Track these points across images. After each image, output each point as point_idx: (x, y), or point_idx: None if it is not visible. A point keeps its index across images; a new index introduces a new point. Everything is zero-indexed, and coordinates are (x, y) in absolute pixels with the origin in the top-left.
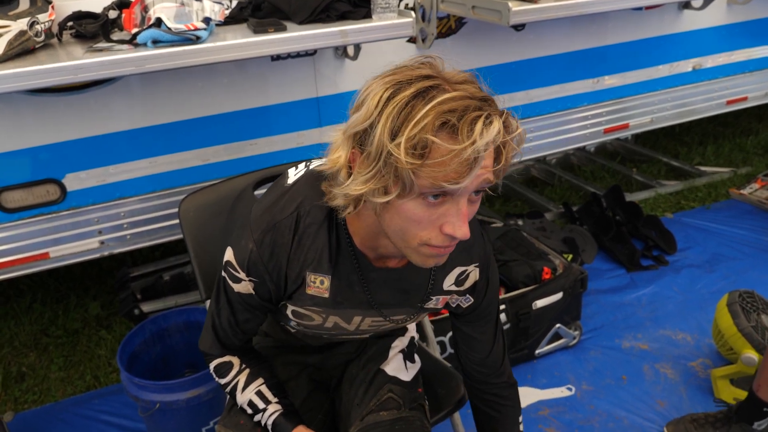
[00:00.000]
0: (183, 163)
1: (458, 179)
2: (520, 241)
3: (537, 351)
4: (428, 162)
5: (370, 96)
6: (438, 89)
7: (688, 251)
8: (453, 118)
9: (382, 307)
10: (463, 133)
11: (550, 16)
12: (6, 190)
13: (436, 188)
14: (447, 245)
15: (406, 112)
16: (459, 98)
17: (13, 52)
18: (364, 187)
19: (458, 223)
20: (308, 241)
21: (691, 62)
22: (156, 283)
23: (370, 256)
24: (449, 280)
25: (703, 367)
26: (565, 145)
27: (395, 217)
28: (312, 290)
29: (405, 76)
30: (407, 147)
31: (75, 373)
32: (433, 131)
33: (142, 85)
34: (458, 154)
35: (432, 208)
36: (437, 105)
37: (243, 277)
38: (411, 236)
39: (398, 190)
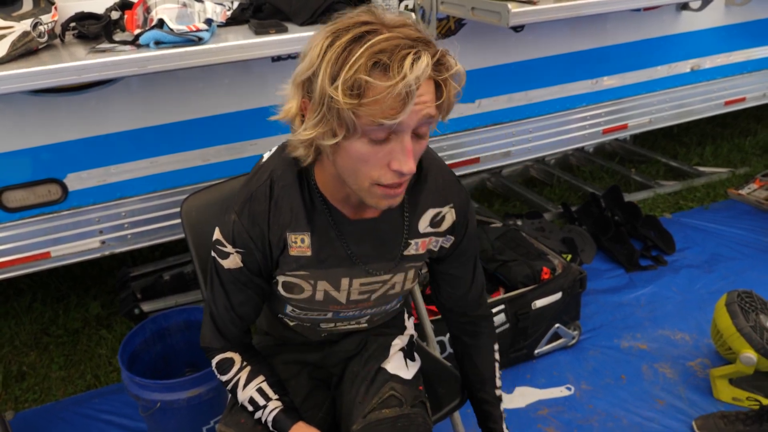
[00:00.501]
0: (184, 163)
1: (395, 115)
2: (519, 241)
3: (536, 351)
4: (364, 101)
5: (312, 46)
6: (374, 33)
7: (687, 251)
8: (384, 57)
9: (365, 261)
10: (393, 70)
11: (549, 17)
12: (7, 189)
13: (376, 126)
14: (397, 182)
15: (344, 56)
16: (391, 39)
17: (16, 53)
18: (313, 132)
19: (403, 159)
20: (283, 203)
21: (689, 63)
22: (156, 283)
23: (344, 211)
24: (423, 222)
25: (702, 367)
26: (564, 146)
27: (346, 159)
28: (295, 251)
29: (344, 24)
30: (344, 88)
31: (75, 373)
32: (367, 71)
33: (143, 85)
34: (391, 90)
35: (378, 147)
36: (370, 47)
37: (230, 250)
38: (362, 176)
39: (344, 131)
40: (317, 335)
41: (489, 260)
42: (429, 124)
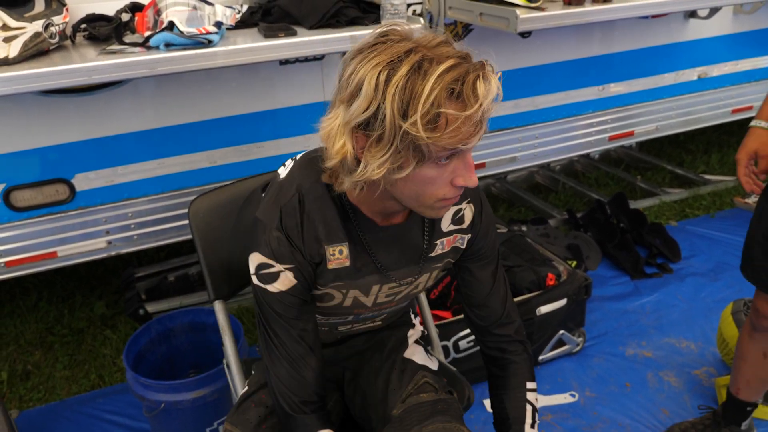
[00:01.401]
0: (191, 164)
1: (470, 139)
2: (524, 247)
3: (540, 357)
4: (446, 131)
5: (363, 81)
6: (427, 60)
7: (693, 259)
8: (456, 86)
9: (396, 267)
10: (469, 97)
11: (557, 23)
12: (16, 189)
13: (450, 151)
14: (457, 195)
15: (409, 89)
16: (454, 66)
17: (28, 54)
18: (382, 169)
19: (468, 175)
20: (316, 216)
21: (696, 71)
22: (161, 284)
23: (374, 219)
24: (446, 221)
25: (707, 376)
26: (570, 152)
27: (410, 184)
28: (333, 263)
29: (390, 54)
30: (423, 123)
31: (80, 372)
32: (444, 103)
33: (151, 87)
34: (470, 117)
35: (443, 168)
36: (439, 77)
37: (279, 268)
38: (428, 197)
39: (415, 161)
40: (333, 337)
41: None
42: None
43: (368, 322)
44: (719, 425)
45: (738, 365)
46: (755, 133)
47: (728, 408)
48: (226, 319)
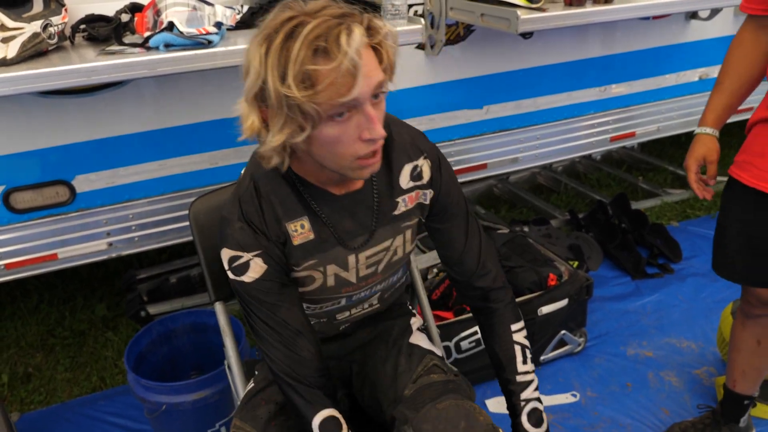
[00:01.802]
0: (192, 165)
1: (350, 90)
2: (526, 247)
3: (542, 357)
4: (319, 88)
5: (251, 59)
6: (301, 25)
7: (694, 260)
8: (321, 42)
9: (363, 232)
10: (333, 50)
11: (558, 24)
12: (15, 190)
13: (336, 106)
14: (372, 150)
15: (284, 55)
16: (321, 23)
17: (26, 54)
18: (281, 135)
19: (371, 126)
20: (273, 197)
21: (698, 72)
22: (162, 285)
23: (331, 190)
24: (404, 178)
25: (708, 375)
26: (572, 153)
27: (320, 146)
28: (298, 239)
29: (270, 27)
30: (296, 83)
31: (81, 374)
32: (310, 60)
33: (152, 88)
34: (338, 70)
35: (345, 124)
36: (305, 38)
37: (248, 257)
38: (341, 156)
39: (310, 123)
40: (335, 329)
41: None
42: (381, 88)
43: (365, 305)
44: (719, 424)
45: (733, 357)
46: (701, 140)
47: (726, 404)
48: (227, 320)
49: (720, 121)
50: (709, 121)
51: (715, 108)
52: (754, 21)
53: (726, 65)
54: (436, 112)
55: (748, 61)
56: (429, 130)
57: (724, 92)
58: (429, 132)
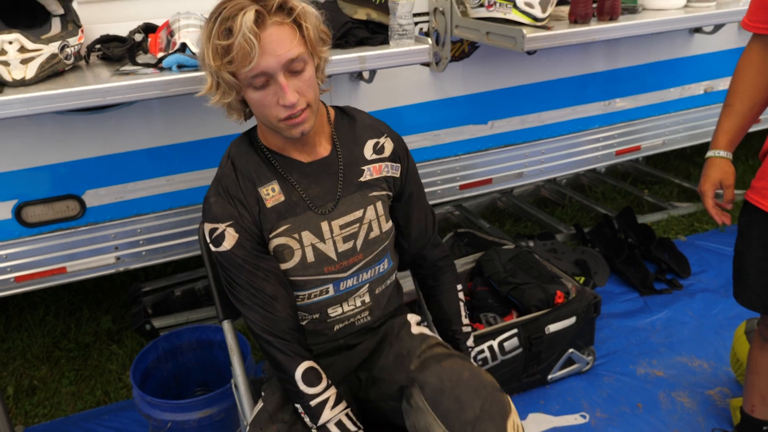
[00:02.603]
0: (200, 181)
1: (249, 62)
2: (532, 263)
3: (549, 376)
4: (227, 59)
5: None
6: (225, 10)
7: (703, 275)
8: (228, 22)
9: (331, 198)
10: (234, 28)
11: (563, 42)
12: (27, 205)
13: (247, 74)
14: (291, 113)
15: (209, 32)
16: (232, 7)
17: (44, 75)
18: (218, 95)
19: (283, 94)
20: (246, 167)
21: (702, 85)
22: (168, 299)
23: (298, 157)
24: (368, 150)
25: (722, 396)
26: (577, 167)
27: (253, 107)
28: (270, 202)
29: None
30: (213, 55)
31: (85, 388)
32: (221, 37)
33: (161, 105)
34: (236, 44)
35: (264, 92)
36: (219, 19)
37: (222, 227)
38: (268, 117)
39: (234, 88)
40: (330, 329)
41: (501, 283)
42: (298, 61)
43: (357, 302)
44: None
45: (751, 380)
46: (716, 163)
47: (743, 429)
48: (234, 339)
49: (733, 144)
50: (722, 144)
51: (727, 130)
52: (761, 40)
53: (735, 86)
54: (441, 128)
55: (757, 82)
56: (434, 146)
57: (735, 114)
58: (434, 147)
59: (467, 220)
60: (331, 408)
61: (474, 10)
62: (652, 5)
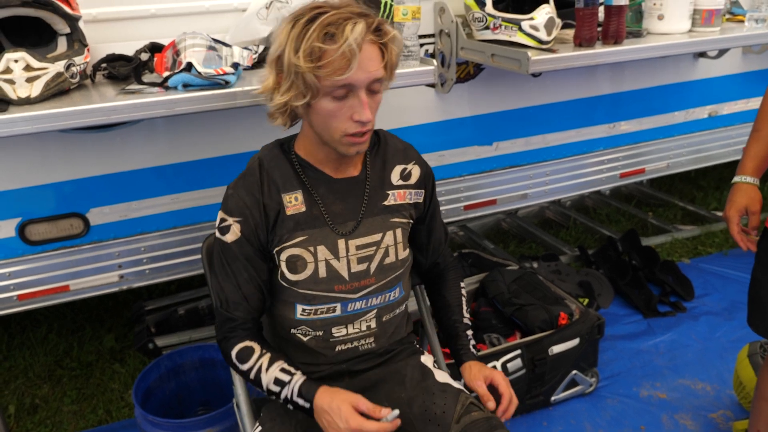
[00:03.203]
0: (204, 200)
1: (345, 71)
2: (536, 284)
3: (553, 398)
4: (321, 63)
5: (279, 32)
6: (323, 13)
7: (706, 298)
8: (332, 27)
9: (353, 217)
10: (339, 35)
11: (568, 65)
12: (31, 223)
13: (334, 83)
14: (360, 131)
15: (303, 33)
16: (336, 14)
17: (49, 93)
18: (286, 96)
19: (362, 110)
20: (274, 171)
21: (707, 109)
22: (171, 317)
23: (327, 171)
24: (395, 176)
25: (725, 419)
26: (581, 189)
27: (317, 116)
28: (291, 209)
29: (300, 11)
30: (305, 56)
31: (87, 407)
32: (320, 40)
33: (166, 124)
34: (338, 51)
35: (340, 103)
36: (320, 22)
37: (230, 221)
38: (333, 130)
39: (310, 92)
40: (332, 349)
41: (505, 304)
42: (379, 82)
43: (362, 326)
44: None
45: (759, 406)
46: (742, 189)
47: None
48: None
49: (760, 170)
50: (749, 169)
51: (755, 156)
52: None
53: (763, 113)
54: (446, 149)
55: None
56: (439, 166)
57: (763, 140)
58: (439, 168)
59: (472, 240)
60: (266, 372)
61: (479, 32)
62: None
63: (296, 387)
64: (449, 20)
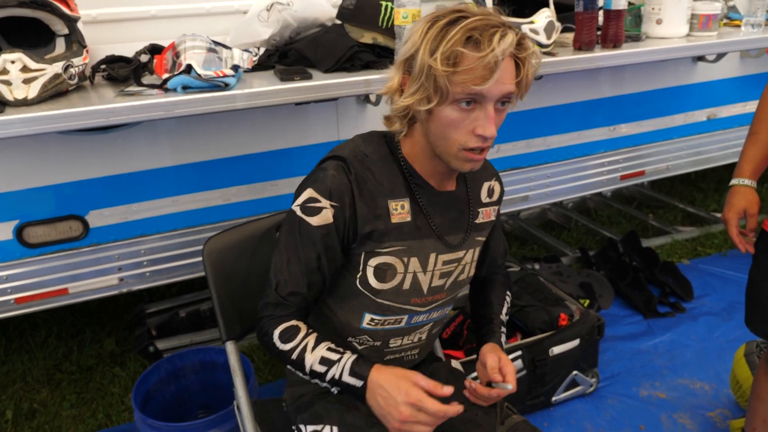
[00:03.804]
0: (206, 202)
1: (483, 82)
2: (537, 286)
3: (553, 398)
4: (459, 69)
5: (414, 32)
6: (464, 17)
7: (706, 298)
8: (476, 33)
9: (448, 231)
10: (484, 43)
11: (568, 69)
12: (29, 225)
13: (466, 92)
14: (480, 146)
15: (441, 34)
16: (482, 20)
17: (46, 95)
18: (411, 99)
19: (487, 125)
20: (382, 172)
21: (705, 112)
22: (172, 320)
23: (431, 183)
24: (484, 194)
25: (722, 418)
26: (582, 191)
27: (437, 124)
28: (396, 218)
29: (440, 12)
30: (442, 59)
31: (87, 411)
32: (461, 44)
33: (166, 126)
34: (481, 60)
35: (465, 113)
36: (464, 26)
37: (324, 204)
38: (451, 141)
39: (437, 98)
40: (381, 359)
41: None
42: (509, 97)
43: (414, 338)
44: None
45: (754, 405)
46: (740, 192)
47: None
48: (237, 360)
49: (758, 173)
50: (747, 172)
51: (752, 159)
52: None
53: (760, 116)
54: None
55: None
56: None
57: (760, 143)
58: None
59: None
60: (311, 351)
61: None
62: (655, 33)
63: (348, 364)
64: None
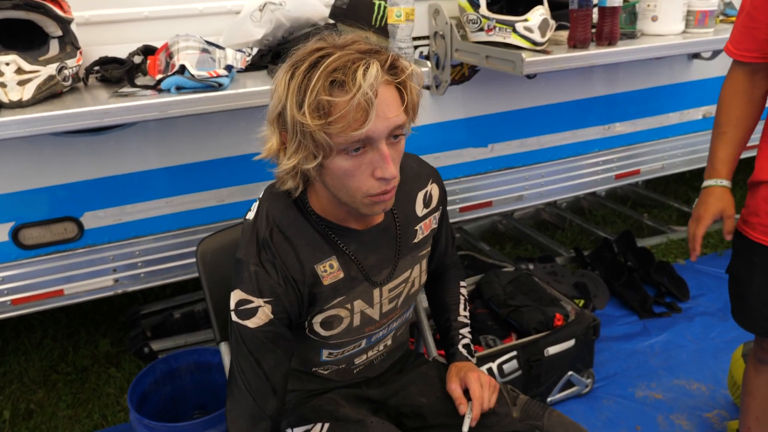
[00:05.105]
0: (199, 203)
1: (362, 125)
2: (531, 286)
3: (549, 399)
4: (331, 119)
5: (277, 83)
6: (326, 56)
7: (701, 298)
8: (339, 74)
9: (387, 265)
10: (349, 84)
11: (562, 66)
12: (24, 227)
13: (349, 140)
14: (385, 190)
15: (305, 84)
16: (342, 56)
17: (41, 96)
18: (294, 159)
19: (384, 166)
20: (299, 239)
21: (701, 110)
22: (166, 321)
23: (352, 226)
24: (419, 206)
25: (719, 419)
26: (576, 191)
27: (332, 177)
28: (328, 279)
29: (299, 55)
30: (310, 111)
31: (83, 412)
32: (326, 91)
33: (160, 127)
34: (351, 103)
35: (357, 159)
36: (324, 69)
37: (258, 303)
38: (353, 190)
39: (321, 152)
40: (351, 374)
41: (501, 305)
42: (401, 128)
43: (380, 346)
44: None
45: (746, 402)
46: (716, 193)
47: None
48: None
49: (731, 173)
50: (722, 173)
51: (725, 159)
52: (745, 66)
53: (727, 115)
54: (441, 151)
55: (749, 109)
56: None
57: (730, 143)
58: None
59: (467, 242)
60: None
61: (474, 34)
62: (651, 31)
63: None
64: (443, 22)
